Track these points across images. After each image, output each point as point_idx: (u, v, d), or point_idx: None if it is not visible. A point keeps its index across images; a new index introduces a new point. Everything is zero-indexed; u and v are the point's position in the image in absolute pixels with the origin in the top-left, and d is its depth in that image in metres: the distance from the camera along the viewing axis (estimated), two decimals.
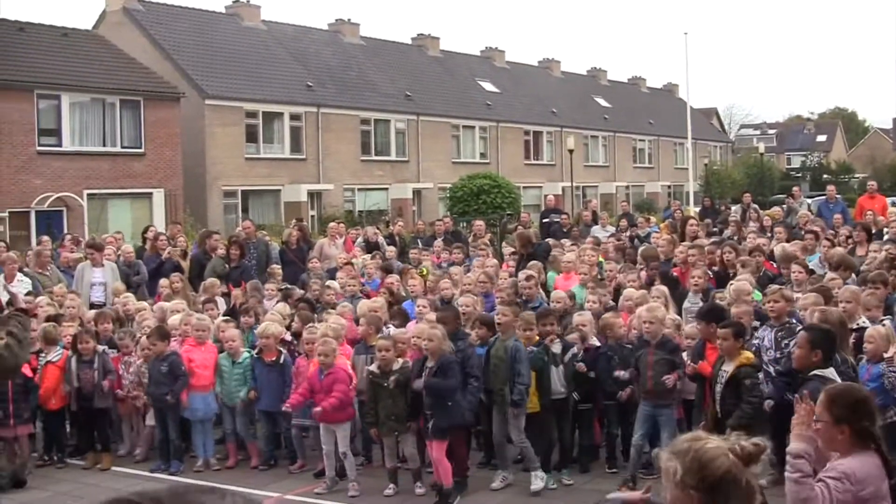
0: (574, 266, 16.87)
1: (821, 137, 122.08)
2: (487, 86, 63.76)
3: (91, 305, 17.25)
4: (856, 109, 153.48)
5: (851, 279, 13.68)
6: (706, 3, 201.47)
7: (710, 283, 14.74)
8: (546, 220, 26.85)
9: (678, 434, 11.38)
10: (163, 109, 40.19)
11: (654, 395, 11.39)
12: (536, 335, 11.94)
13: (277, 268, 19.07)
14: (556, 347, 11.96)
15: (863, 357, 10.11)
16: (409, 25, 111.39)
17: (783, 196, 39.72)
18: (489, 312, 13.51)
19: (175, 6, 48.99)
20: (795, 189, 29.56)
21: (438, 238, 22.92)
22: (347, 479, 12.02)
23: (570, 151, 51.54)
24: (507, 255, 19.94)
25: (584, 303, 14.15)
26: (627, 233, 23.61)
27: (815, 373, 8.13)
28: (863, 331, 10.52)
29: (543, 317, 12.27)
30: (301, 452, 13.08)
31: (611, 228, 25.05)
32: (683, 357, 11.51)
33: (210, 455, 13.52)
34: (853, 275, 14.00)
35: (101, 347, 13.83)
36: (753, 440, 3.89)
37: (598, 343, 12.49)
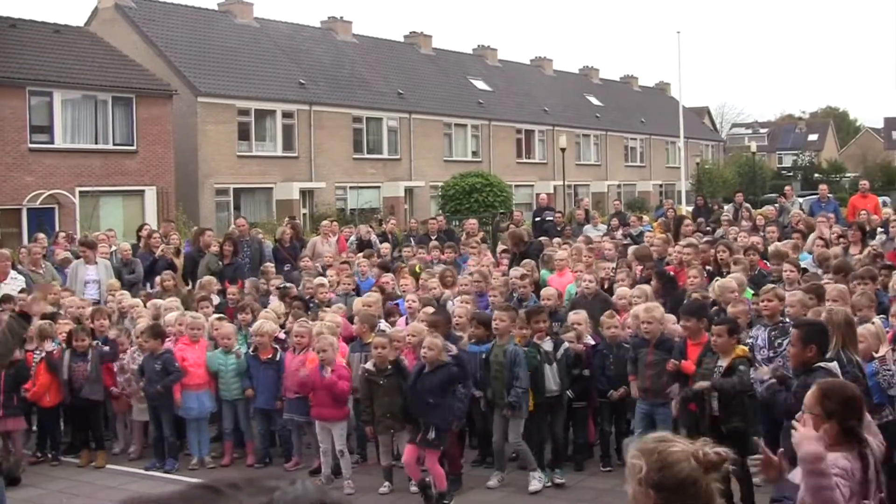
0: (567, 263, 16.89)
1: (812, 137, 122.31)
2: (480, 84, 63.77)
3: None
4: (847, 109, 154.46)
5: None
6: (698, 2, 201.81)
7: (705, 282, 14.75)
8: (538, 219, 26.86)
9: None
10: (155, 107, 40.13)
11: (652, 394, 11.43)
12: (527, 333, 11.96)
13: (271, 266, 19.09)
14: (548, 345, 11.95)
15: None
16: (402, 23, 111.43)
17: (774, 195, 39.79)
18: (484, 311, 13.58)
19: (167, 3, 48.90)
20: (787, 188, 29.59)
21: (432, 236, 22.93)
22: (343, 477, 12.03)
23: (562, 150, 51.53)
24: (500, 254, 19.95)
25: (576, 292, 14.23)
26: (619, 231, 23.64)
27: (820, 365, 8.13)
28: None
29: (534, 314, 12.27)
30: (297, 449, 13.10)
31: (602, 227, 25.08)
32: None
33: (205, 453, 13.54)
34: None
35: (96, 342, 13.86)
36: (717, 449, 3.95)
37: (593, 341, 12.52)
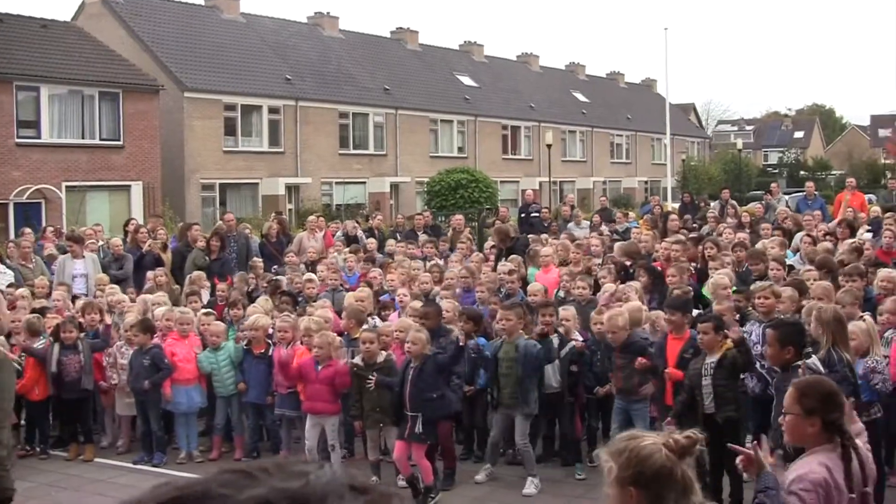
0: (552, 260, 16.92)
1: (798, 134, 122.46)
2: (466, 80, 63.76)
3: (73, 297, 17.22)
4: (833, 106, 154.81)
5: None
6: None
7: (692, 279, 14.81)
8: (524, 215, 26.82)
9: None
10: (141, 102, 40.05)
11: (626, 392, 11.52)
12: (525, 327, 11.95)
13: (259, 261, 19.08)
14: (554, 341, 11.98)
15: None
16: (389, 19, 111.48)
17: (760, 192, 39.86)
18: (471, 306, 13.62)
19: None
20: (774, 185, 29.60)
21: (418, 232, 22.95)
22: None
23: (548, 146, 51.59)
24: (487, 249, 19.95)
25: (563, 291, 14.27)
26: (603, 227, 23.51)
27: (798, 363, 8.15)
28: None
29: (544, 307, 12.28)
30: (285, 444, 13.10)
31: (586, 223, 24.91)
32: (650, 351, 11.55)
33: (193, 448, 13.56)
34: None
35: (83, 334, 13.86)
36: (686, 433, 4.00)
37: (582, 337, 12.56)
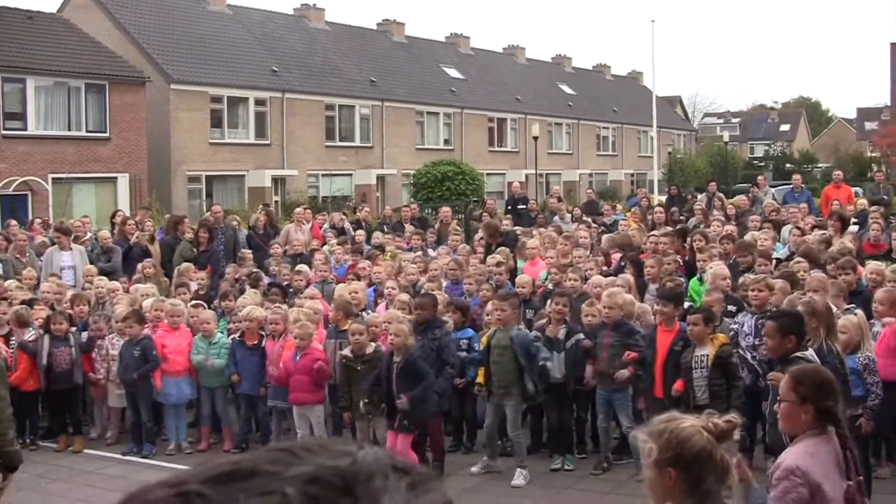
0: (539, 252, 16.95)
1: (784, 127, 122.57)
2: (452, 72, 63.72)
3: None
4: (820, 99, 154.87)
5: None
6: None
7: (680, 271, 14.84)
8: (511, 208, 26.81)
9: (633, 415, 11.61)
10: (128, 93, 40.00)
11: (608, 379, 11.55)
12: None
13: (248, 253, 19.11)
14: (561, 333, 11.99)
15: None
16: (375, 11, 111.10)
17: (746, 185, 39.90)
18: (459, 298, 13.66)
19: None
20: (760, 178, 29.62)
21: (405, 224, 22.96)
22: None
23: (535, 138, 51.59)
24: (477, 241, 19.93)
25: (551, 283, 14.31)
26: (586, 219, 23.44)
27: (797, 355, 8.17)
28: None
29: (559, 297, 12.30)
30: (275, 436, 13.10)
31: (569, 216, 24.84)
32: (639, 340, 11.62)
33: (182, 439, 13.60)
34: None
35: (73, 328, 13.87)
36: (726, 417, 4.05)
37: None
